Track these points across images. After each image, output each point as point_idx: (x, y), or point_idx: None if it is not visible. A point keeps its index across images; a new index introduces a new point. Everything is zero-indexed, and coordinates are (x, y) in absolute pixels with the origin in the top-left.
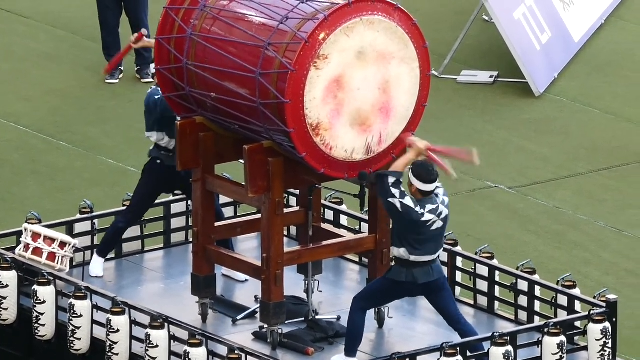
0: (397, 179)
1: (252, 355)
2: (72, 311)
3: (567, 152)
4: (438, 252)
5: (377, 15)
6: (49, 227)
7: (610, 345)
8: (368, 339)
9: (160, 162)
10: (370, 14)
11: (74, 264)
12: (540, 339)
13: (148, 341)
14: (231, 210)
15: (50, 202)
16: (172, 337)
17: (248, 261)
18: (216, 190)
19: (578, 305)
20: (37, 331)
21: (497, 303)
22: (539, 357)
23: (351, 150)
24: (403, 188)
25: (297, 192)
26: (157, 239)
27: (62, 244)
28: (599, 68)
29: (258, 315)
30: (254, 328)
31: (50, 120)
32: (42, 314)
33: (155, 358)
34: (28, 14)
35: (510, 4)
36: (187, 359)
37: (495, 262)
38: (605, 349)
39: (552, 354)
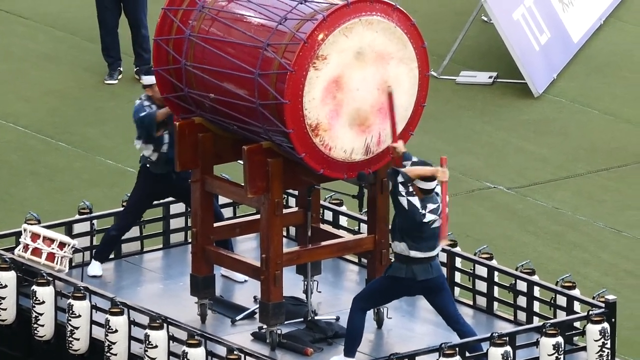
0: (406, 181)
1: (251, 355)
2: (71, 311)
3: (566, 152)
4: (437, 249)
5: (375, 15)
6: (48, 227)
7: (609, 345)
8: (367, 339)
9: (148, 167)
10: (368, 15)
11: (73, 264)
12: (539, 339)
13: (147, 341)
14: (230, 210)
15: (49, 203)
16: (171, 338)
17: (247, 262)
18: (215, 191)
19: (577, 306)
20: (36, 331)
21: (496, 303)
22: (538, 358)
23: (350, 151)
24: (412, 189)
25: (296, 192)
26: (156, 240)
27: (61, 245)
28: (597, 69)
29: (257, 316)
30: (253, 328)
31: (49, 120)
32: (41, 315)
33: (154, 358)
34: (27, 15)
35: (510, 5)
36: (185, 359)
37: (494, 262)
38: (604, 349)
39: (548, 355)
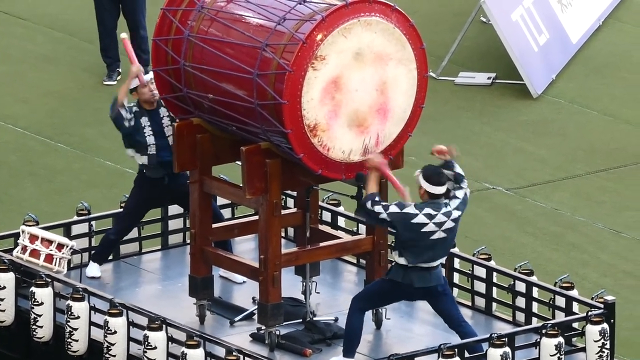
0: (372, 199)
1: (249, 356)
2: (69, 313)
3: (565, 153)
4: (438, 261)
5: (374, 16)
6: (46, 228)
7: (608, 346)
8: (366, 340)
9: (145, 174)
10: (367, 15)
11: (72, 265)
12: (538, 340)
13: (146, 343)
14: (229, 211)
15: (47, 204)
16: (170, 339)
17: (246, 262)
18: (213, 192)
19: (576, 307)
20: (34, 333)
21: (494, 304)
22: (537, 359)
23: (348, 152)
24: (384, 202)
25: (294, 193)
26: (155, 241)
27: (60, 246)
28: (596, 69)
29: (256, 317)
30: (252, 329)
31: (48, 122)
32: (39, 316)
33: (153, 359)
34: (25, 16)
35: (508, 6)
36: None
37: (492, 263)
38: (603, 350)
39: (550, 355)
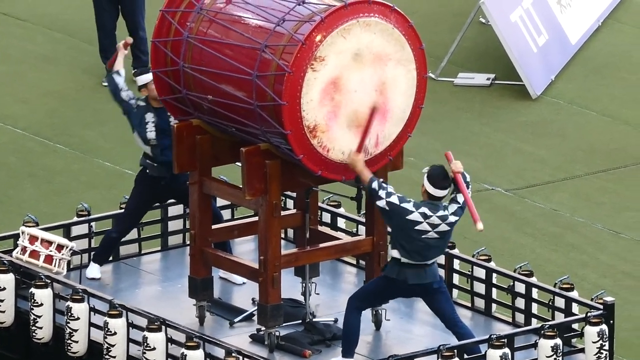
0: (378, 182)
1: (249, 357)
2: (69, 314)
3: (564, 154)
4: (432, 260)
5: (373, 17)
6: (46, 229)
7: (607, 347)
8: (365, 341)
9: (147, 171)
10: (366, 16)
11: (71, 266)
12: (537, 341)
13: (145, 344)
14: (228, 212)
15: (47, 205)
16: (170, 340)
17: (245, 264)
18: (213, 193)
19: (575, 308)
20: (34, 334)
21: (494, 305)
22: None
23: (348, 152)
24: (389, 188)
25: (294, 194)
26: (155, 242)
27: (59, 247)
28: (596, 70)
29: (255, 318)
30: (252, 330)
31: (47, 122)
32: (39, 317)
33: None
34: (25, 17)
35: (507, 6)
36: None
37: (492, 264)
38: (602, 351)
39: (547, 357)
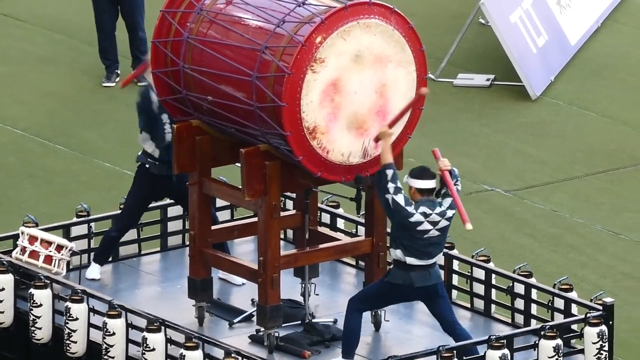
0: (394, 172)
1: (248, 358)
2: (68, 314)
3: (563, 155)
4: (435, 258)
5: (373, 18)
6: (45, 230)
7: (606, 348)
8: (364, 342)
9: (147, 167)
10: (366, 17)
11: (71, 267)
12: (537, 342)
13: (144, 344)
14: (228, 213)
15: (46, 206)
16: (169, 340)
17: (245, 264)
18: (212, 194)
19: (575, 309)
20: (33, 334)
21: (493, 306)
22: None
23: (348, 154)
24: (399, 184)
25: (293, 195)
26: (154, 242)
27: (59, 247)
28: (595, 71)
29: (255, 319)
30: (251, 331)
31: (47, 123)
32: (38, 317)
33: None
34: (24, 18)
35: (507, 7)
36: None
37: (491, 265)
38: (601, 352)
39: (549, 357)
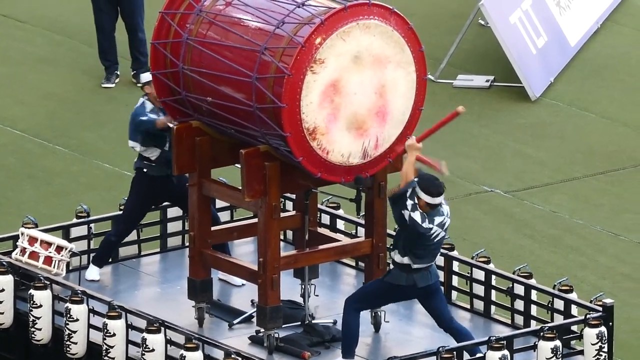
0: (414, 189)
1: (248, 359)
2: (68, 315)
3: (563, 156)
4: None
5: (373, 19)
6: (45, 231)
7: (606, 349)
8: (364, 342)
9: (145, 171)
10: (366, 18)
11: (71, 268)
12: (537, 343)
13: (144, 345)
14: (227, 214)
15: (46, 207)
16: (169, 341)
17: (244, 265)
18: (212, 195)
19: (574, 310)
20: (33, 335)
21: (493, 307)
22: None
23: (348, 155)
24: (416, 199)
25: (293, 196)
26: (154, 243)
27: (59, 248)
28: (595, 72)
29: (254, 320)
30: (251, 332)
31: (47, 124)
32: (38, 318)
33: None
34: (24, 19)
35: (506, 8)
36: None
37: (491, 266)
38: (601, 352)
39: (548, 358)
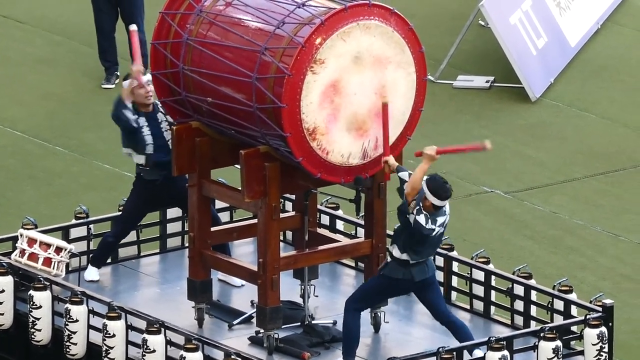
0: (420, 196)
1: None
2: (68, 316)
3: (563, 157)
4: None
5: (373, 20)
6: (44, 232)
7: (606, 349)
8: (364, 343)
9: (142, 175)
10: (366, 19)
11: (70, 269)
12: (536, 343)
13: (144, 346)
14: (227, 215)
15: (46, 207)
16: (169, 342)
17: (244, 266)
18: (212, 195)
19: (574, 310)
20: (33, 336)
21: (493, 308)
22: None
23: (347, 155)
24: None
25: (293, 196)
26: (153, 244)
27: (58, 249)
28: (595, 73)
29: (254, 320)
30: (250, 333)
31: (47, 125)
32: (38, 319)
33: None
34: (24, 19)
35: (507, 9)
36: None
37: (491, 266)
38: (601, 353)
39: (548, 359)
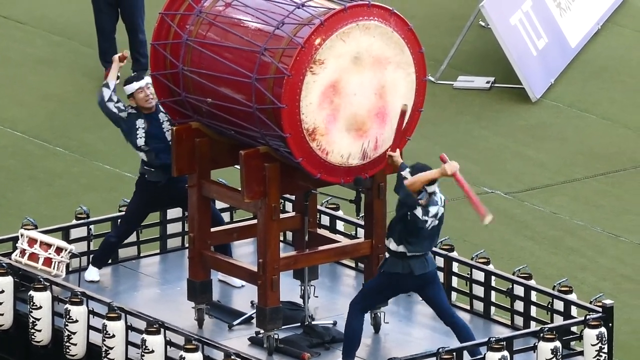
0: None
1: None
2: (68, 316)
3: (563, 157)
4: (432, 247)
5: (373, 20)
6: (45, 232)
7: (606, 350)
8: (364, 343)
9: (146, 177)
10: (366, 19)
11: (70, 269)
12: (536, 344)
13: (144, 346)
14: (227, 215)
15: (46, 208)
16: (168, 343)
17: (244, 266)
18: (212, 196)
19: (574, 311)
20: (33, 336)
21: (493, 308)
22: None
23: (347, 156)
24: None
25: (293, 197)
26: (153, 245)
27: (58, 250)
28: (595, 73)
29: (254, 321)
30: (250, 333)
31: (47, 125)
32: (38, 320)
33: None
34: (24, 20)
35: (507, 10)
36: None
37: (491, 267)
38: (601, 354)
39: (547, 359)
